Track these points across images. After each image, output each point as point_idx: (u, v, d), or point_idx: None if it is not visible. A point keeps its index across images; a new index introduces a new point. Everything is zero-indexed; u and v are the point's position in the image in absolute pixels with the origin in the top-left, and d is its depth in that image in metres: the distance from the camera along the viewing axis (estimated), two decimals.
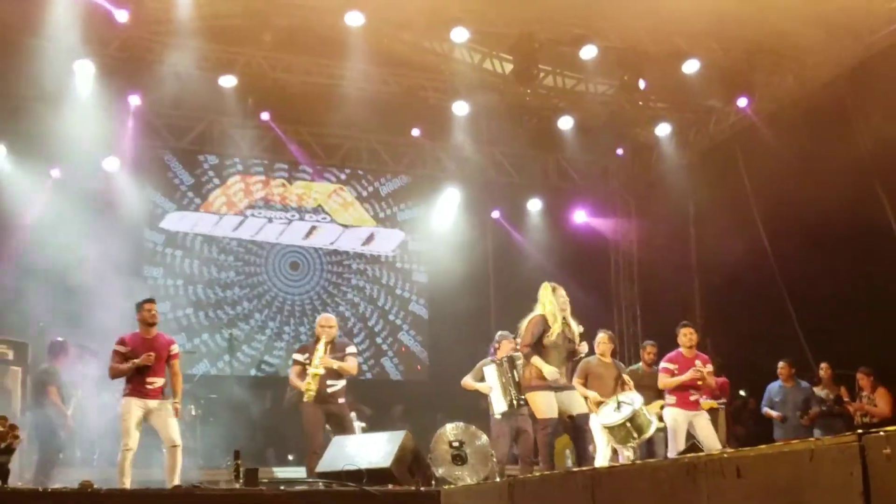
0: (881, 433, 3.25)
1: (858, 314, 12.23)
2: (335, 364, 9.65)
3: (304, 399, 9.55)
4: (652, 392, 10.37)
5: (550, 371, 8.26)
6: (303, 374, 9.68)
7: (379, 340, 16.44)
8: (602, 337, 10.42)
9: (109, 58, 13.56)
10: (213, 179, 15.96)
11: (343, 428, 9.68)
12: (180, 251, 15.51)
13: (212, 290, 15.57)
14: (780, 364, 12.04)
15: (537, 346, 8.37)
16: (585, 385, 10.07)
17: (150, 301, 9.23)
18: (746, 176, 14.64)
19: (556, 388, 8.34)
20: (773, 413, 11.97)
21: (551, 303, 8.47)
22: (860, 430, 3.35)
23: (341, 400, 9.76)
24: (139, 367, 8.79)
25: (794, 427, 11.68)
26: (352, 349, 10.05)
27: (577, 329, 8.52)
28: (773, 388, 12.07)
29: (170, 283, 15.29)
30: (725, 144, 15.37)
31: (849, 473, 3.29)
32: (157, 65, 13.61)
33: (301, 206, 16.44)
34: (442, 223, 16.86)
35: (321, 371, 9.57)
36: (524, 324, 8.56)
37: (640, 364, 11.19)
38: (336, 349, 9.81)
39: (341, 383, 9.76)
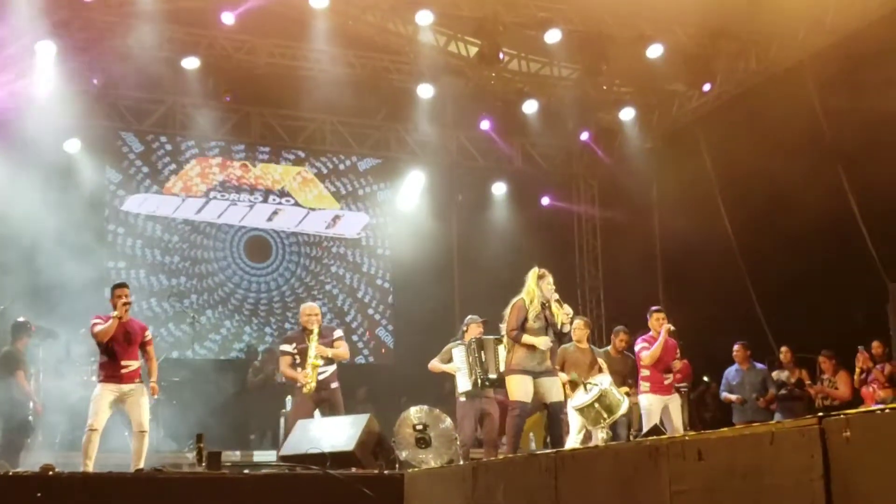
0: (841, 416, 3.29)
1: (820, 298, 12.36)
2: (330, 352, 9.66)
3: (304, 391, 9.51)
4: (618, 377, 10.44)
5: (543, 341, 8.30)
6: (293, 365, 9.66)
7: (344, 322, 16.39)
8: (578, 323, 10.44)
9: (71, 39, 13.37)
10: (175, 161, 15.82)
11: (336, 413, 9.63)
12: (140, 233, 15.37)
13: (170, 274, 15.44)
14: (735, 347, 12.00)
15: (521, 331, 8.40)
16: (563, 370, 10.11)
17: (123, 286, 9.14)
18: (709, 160, 14.75)
19: (537, 373, 8.36)
20: (732, 396, 12.04)
21: (531, 290, 8.48)
22: (821, 414, 3.38)
23: (334, 385, 9.72)
24: (112, 350, 8.76)
25: (753, 410, 11.74)
26: (339, 333, 10.03)
27: (563, 315, 8.50)
28: (730, 372, 12.12)
29: (130, 263, 15.15)
30: (688, 128, 15.46)
31: (809, 456, 3.32)
32: (119, 46, 13.46)
33: (265, 189, 16.33)
34: (407, 206, 16.83)
35: (320, 362, 9.59)
36: (507, 309, 8.57)
37: (609, 348, 11.21)
38: (323, 335, 9.79)
39: (332, 368, 9.73)
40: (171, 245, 15.56)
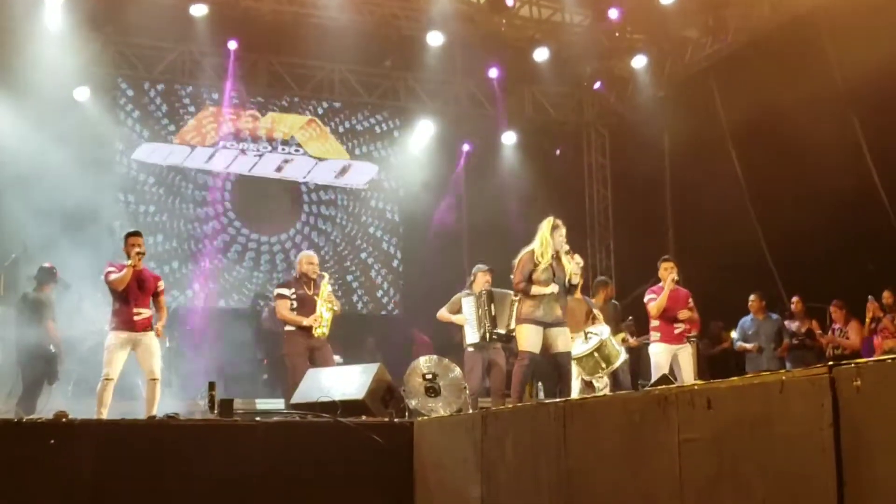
0: (851, 365, 3.27)
1: (831, 248, 12.31)
2: (337, 303, 9.83)
3: (315, 334, 9.60)
4: (612, 325, 10.56)
5: (551, 287, 8.29)
6: (292, 310, 9.73)
7: (350, 274, 16.41)
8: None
9: None
10: (184, 110, 15.76)
11: (326, 362, 9.73)
12: (153, 182, 15.36)
13: (183, 222, 15.46)
14: (752, 297, 12.11)
15: (529, 282, 8.39)
16: None
17: (137, 234, 9.16)
18: (721, 109, 14.62)
19: (548, 323, 8.37)
20: (748, 345, 12.06)
21: (545, 240, 8.46)
22: (831, 363, 3.37)
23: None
24: (126, 298, 8.80)
25: (768, 359, 11.79)
26: (326, 277, 10.15)
27: (573, 266, 8.49)
28: (746, 321, 12.16)
29: (142, 210, 15.17)
30: (701, 76, 15.30)
31: (819, 405, 3.31)
32: None
33: (273, 138, 16.28)
34: (416, 155, 16.76)
35: (336, 309, 9.78)
36: (516, 261, 8.57)
37: (595, 299, 11.23)
38: (316, 285, 9.88)
39: (330, 319, 9.88)
40: (180, 193, 15.54)
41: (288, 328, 9.77)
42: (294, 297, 9.79)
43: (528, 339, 8.39)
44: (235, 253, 15.70)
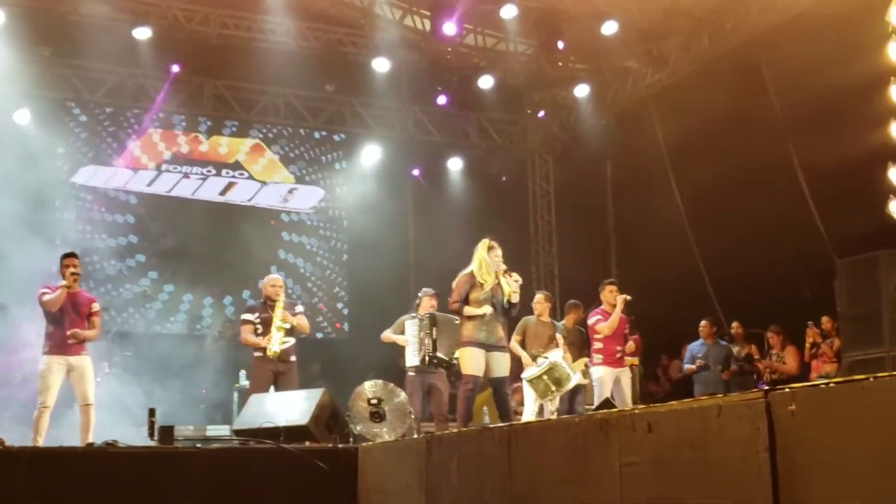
0: (787, 390, 3.35)
1: (769, 273, 12.53)
2: (294, 320, 9.73)
3: (267, 354, 9.55)
4: (575, 350, 10.62)
5: (485, 308, 8.29)
6: (255, 333, 9.68)
7: (298, 296, 16.31)
8: (539, 297, 10.64)
9: (21, 8, 13.16)
10: (126, 134, 15.61)
11: (288, 385, 9.66)
12: (93, 205, 15.17)
13: (120, 248, 15.24)
14: (702, 323, 12.24)
15: (465, 303, 8.40)
16: (523, 342, 10.21)
17: (72, 256, 9.07)
18: (662, 136, 14.85)
19: (488, 346, 8.34)
20: (692, 366, 12.17)
21: (483, 261, 8.47)
22: (766, 387, 3.45)
23: (292, 358, 9.82)
24: (60, 320, 8.70)
25: (715, 381, 11.90)
26: (300, 308, 10.10)
27: (510, 286, 8.50)
28: (695, 346, 12.28)
29: (83, 236, 14.95)
30: (642, 105, 15.53)
31: (755, 429, 3.38)
32: (69, 15, 13.25)
33: (218, 162, 16.17)
34: (362, 180, 16.76)
35: (287, 326, 9.67)
36: (454, 283, 8.57)
37: (565, 322, 11.31)
38: (285, 308, 9.86)
39: (292, 341, 9.82)
40: (120, 218, 15.35)
41: (255, 353, 9.72)
42: (258, 321, 9.75)
43: (471, 362, 8.35)
44: (186, 279, 15.44)
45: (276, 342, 9.58)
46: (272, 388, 9.61)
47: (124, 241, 15.27)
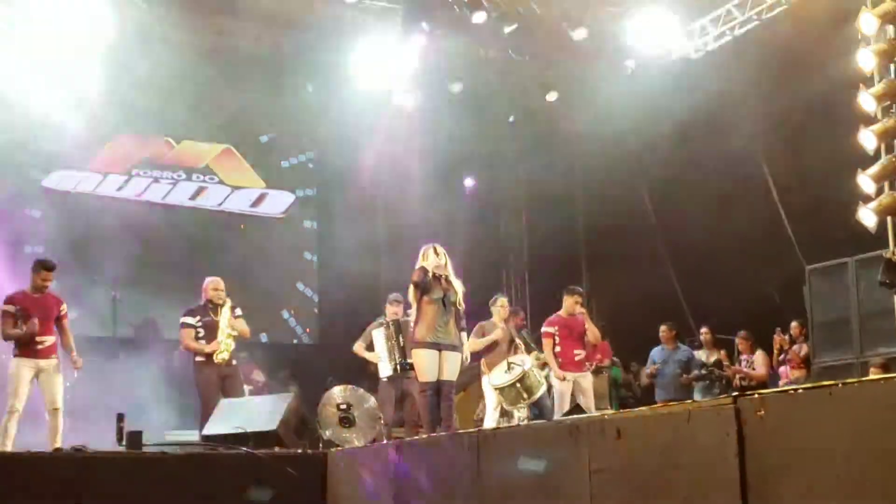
0: (755, 396, 3.36)
1: (738, 278, 12.62)
2: (239, 326, 9.66)
3: (216, 360, 9.46)
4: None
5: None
6: (196, 338, 9.59)
7: (268, 302, 16.20)
8: (501, 301, 10.57)
9: None
10: (96, 137, 15.42)
11: (236, 389, 9.63)
12: (59, 209, 14.98)
13: (87, 251, 15.05)
14: (662, 328, 12.22)
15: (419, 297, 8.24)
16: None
17: (49, 269, 9.01)
18: (633, 141, 14.88)
19: (441, 346, 8.13)
20: (649, 370, 12.20)
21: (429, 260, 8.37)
22: (735, 393, 3.46)
23: (234, 361, 9.77)
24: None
25: (676, 388, 11.94)
26: (239, 311, 10.00)
27: (460, 288, 8.43)
28: (656, 351, 12.29)
29: (48, 239, 14.76)
30: (613, 112, 15.55)
31: (724, 434, 3.39)
32: None
33: (188, 166, 16.05)
34: (333, 184, 16.66)
35: (235, 333, 9.59)
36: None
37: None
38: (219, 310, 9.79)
39: (233, 345, 9.75)
40: (91, 222, 15.18)
41: (198, 358, 9.62)
42: (200, 324, 9.67)
43: (423, 366, 8.11)
44: (153, 284, 15.25)
45: (227, 349, 9.52)
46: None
47: (97, 246, 15.06)
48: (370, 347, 10.07)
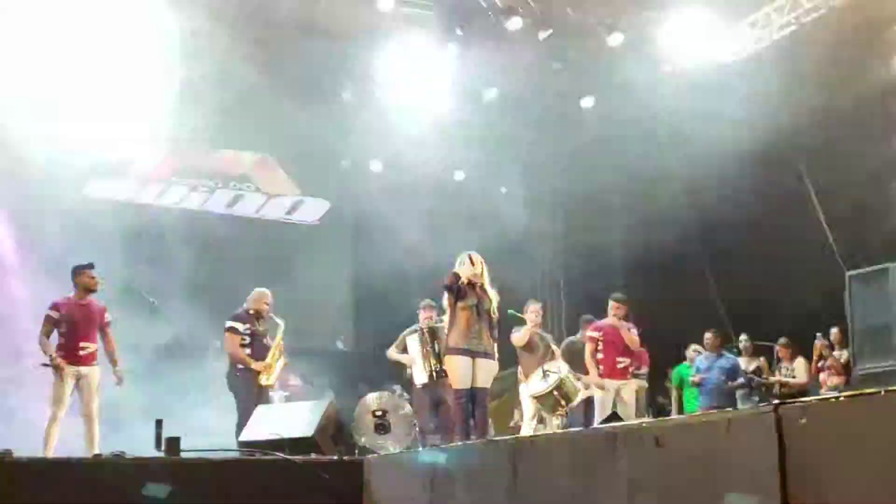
0: (797, 404, 3.31)
1: (778, 286, 12.50)
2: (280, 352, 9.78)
3: (264, 382, 9.47)
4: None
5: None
6: (241, 345, 9.60)
7: (304, 310, 16.22)
8: (535, 307, 10.56)
9: None
10: (136, 145, 15.55)
11: (268, 398, 9.66)
12: (104, 216, 15.10)
13: (129, 259, 15.16)
14: (707, 335, 12.07)
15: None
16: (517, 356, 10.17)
17: (90, 266, 9.05)
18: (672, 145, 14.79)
19: (475, 353, 8.18)
20: (694, 378, 12.10)
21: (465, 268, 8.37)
22: (776, 401, 3.41)
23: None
24: (73, 330, 8.70)
25: (720, 394, 11.80)
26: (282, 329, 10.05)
27: (494, 297, 8.42)
28: (700, 359, 12.18)
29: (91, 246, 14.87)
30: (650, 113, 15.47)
31: (765, 443, 3.34)
32: None
33: (225, 175, 16.14)
34: (368, 191, 16.68)
35: (287, 361, 9.72)
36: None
37: (579, 336, 11.25)
38: (265, 322, 9.82)
39: (279, 370, 9.85)
40: (130, 229, 15.29)
41: (239, 365, 9.64)
42: (247, 332, 9.68)
43: (457, 374, 8.18)
44: (190, 292, 15.31)
45: (274, 374, 9.55)
46: None
47: (135, 253, 15.18)
48: (404, 353, 10.08)
